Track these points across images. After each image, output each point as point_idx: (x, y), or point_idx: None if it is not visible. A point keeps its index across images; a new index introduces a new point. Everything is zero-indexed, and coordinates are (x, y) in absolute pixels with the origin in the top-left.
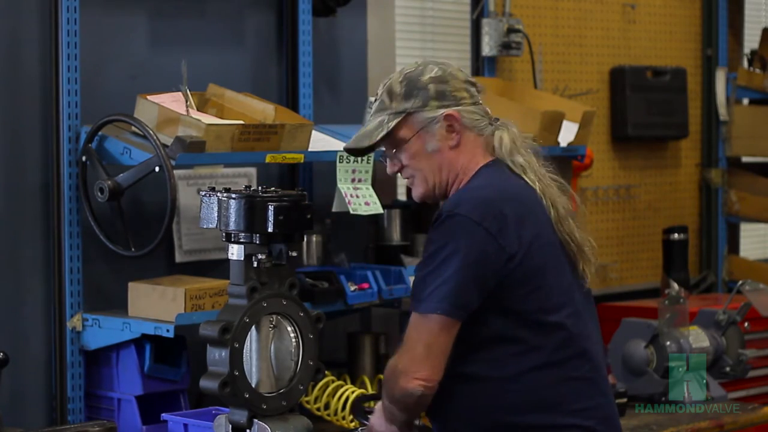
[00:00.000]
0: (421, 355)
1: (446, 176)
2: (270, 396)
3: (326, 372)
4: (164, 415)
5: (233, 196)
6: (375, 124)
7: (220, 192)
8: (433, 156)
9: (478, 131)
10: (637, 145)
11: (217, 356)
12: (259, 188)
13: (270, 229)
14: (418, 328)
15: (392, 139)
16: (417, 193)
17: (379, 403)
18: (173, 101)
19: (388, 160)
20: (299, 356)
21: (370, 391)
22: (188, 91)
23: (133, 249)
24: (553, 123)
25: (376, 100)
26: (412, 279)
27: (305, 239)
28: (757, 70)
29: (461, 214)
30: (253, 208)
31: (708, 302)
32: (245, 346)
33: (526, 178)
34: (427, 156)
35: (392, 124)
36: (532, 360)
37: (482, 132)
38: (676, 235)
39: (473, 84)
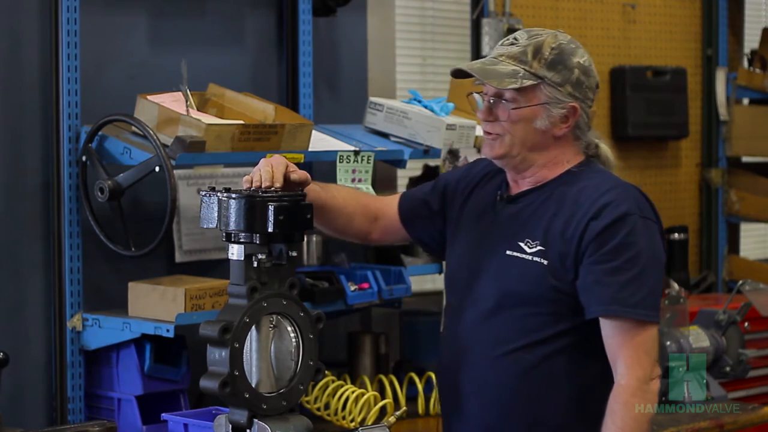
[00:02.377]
0: (655, 359)
1: (533, 157)
2: (270, 396)
3: (326, 372)
4: (164, 415)
5: (233, 196)
6: (509, 70)
7: (220, 192)
8: (535, 132)
9: (580, 133)
10: (637, 145)
11: (217, 356)
12: (259, 188)
13: (270, 229)
14: (645, 337)
15: (510, 93)
16: (494, 153)
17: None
18: (173, 101)
19: (485, 103)
20: (299, 356)
21: (370, 390)
22: (188, 91)
23: (133, 249)
24: None
25: (512, 44)
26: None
27: (305, 239)
28: (757, 70)
29: (650, 219)
30: (253, 208)
31: (708, 302)
32: (245, 346)
33: None
34: (530, 129)
35: (527, 82)
36: None
37: (580, 137)
38: (676, 235)
39: (598, 87)
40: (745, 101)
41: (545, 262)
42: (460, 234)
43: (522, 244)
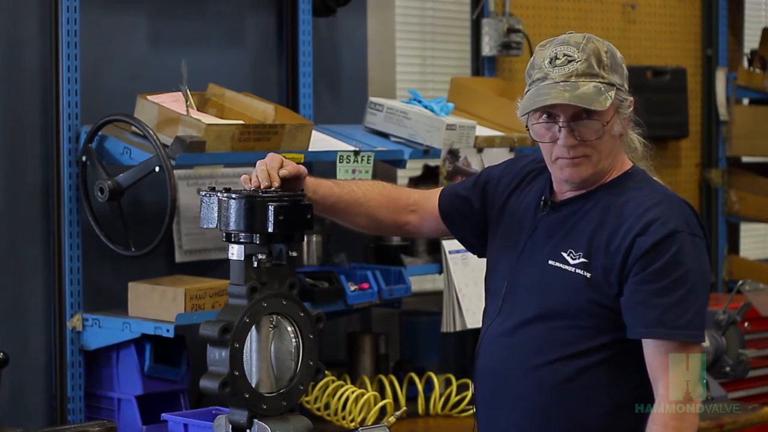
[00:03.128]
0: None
1: (610, 164)
2: (270, 396)
3: (326, 372)
4: (164, 415)
5: (233, 196)
6: (591, 88)
7: (220, 192)
8: (614, 140)
9: (630, 128)
10: None
11: (217, 356)
12: (259, 188)
13: (270, 229)
14: (687, 357)
15: (592, 110)
16: (583, 175)
17: None
18: (173, 101)
19: (565, 129)
20: (299, 356)
21: (370, 390)
22: (188, 91)
23: (133, 249)
24: None
25: (571, 60)
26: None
27: (305, 239)
28: (757, 70)
29: (698, 236)
30: (253, 208)
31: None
32: (245, 346)
33: None
34: (611, 138)
35: (612, 94)
36: None
37: (628, 130)
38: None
39: None
40: (745, 101)
41: (588, 275)
42: (501, 236)
43: (565, 255)
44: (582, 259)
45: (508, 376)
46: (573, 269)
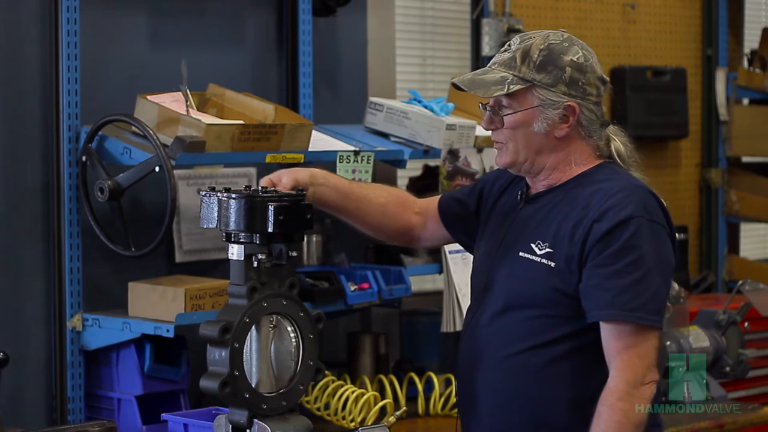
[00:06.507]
0: (649, 364)
1: (542, 160)
2: (270, 396)
3: (326, 372)
4: (164, 415)
5: (233, 196)
6: (497, 77)
7: (220, 192)
8: (535, 136)
9: (587, 132)
10: (637, 145)
11: (217, 356)
12: (259, 188)
13: (270, 229)
14: (642, 341)
15: (505, 100)
16: (503, 161)
17: None
18: (173, 101)
19: (488, 112)
20: (299, 356)
21: (370, 390)
22: (188, 91)
23: (133, 249)
24: None
25: (505, 50)
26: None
27: (305, 239)
28: (757, 70)
29: (658, 222)
30: (253, 208)
31: (708, 302)
32: (245, 346)
33: None
34: (529, 133)
35: (514, 88)
36: None
37: (591, 134)
38: (676, 235)
39: (604, 82)
40: (745, 101)
41: (552, 264)
42: (486, 235)
43: (533, 246)
44: (548, 249)
45: (481, 366)
46: (539, 259)
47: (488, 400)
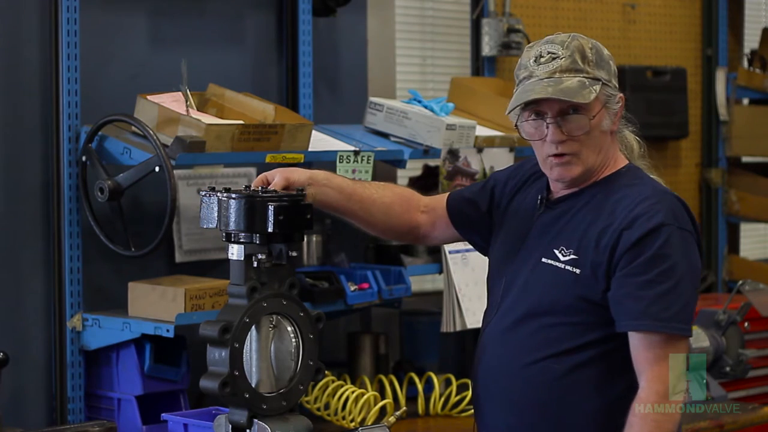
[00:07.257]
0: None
1: (602, 161)
2: (270, 396)
3: (326, 372)
4: (164, 415)
5: (233, 196)
6: (576, 83)
7: (220, 192)
8: (604, 135)
9: (621, 125)
10: None
11: (217, 356)
12: (259, 188)
13: (270, 229)
14: (672, 350)
15: (579, 105)
16: (573, 174)
17: None
18: (173, 101)
19: (551, 127)
20: (299, 356)
21: (370, 390)
22: (188, 91)
23: (133, 249)
24: None
25: (554, 58)
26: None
27: (305, 239)
28: (757, 70)
29: (686, 230)
30: (253, 208)
31: (708, 302)
32: (245, 346)
33: None
34: (601, 134)
35: (597, 88)
36: None
37: (620, 129)
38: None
39: None
40: (745, 101)
41: (577, 271)
42: (502, 236)
43: (557, 252)
44: (572, 256)
45: (502, 374)
46: (563, 266)
47: (510, 408)
